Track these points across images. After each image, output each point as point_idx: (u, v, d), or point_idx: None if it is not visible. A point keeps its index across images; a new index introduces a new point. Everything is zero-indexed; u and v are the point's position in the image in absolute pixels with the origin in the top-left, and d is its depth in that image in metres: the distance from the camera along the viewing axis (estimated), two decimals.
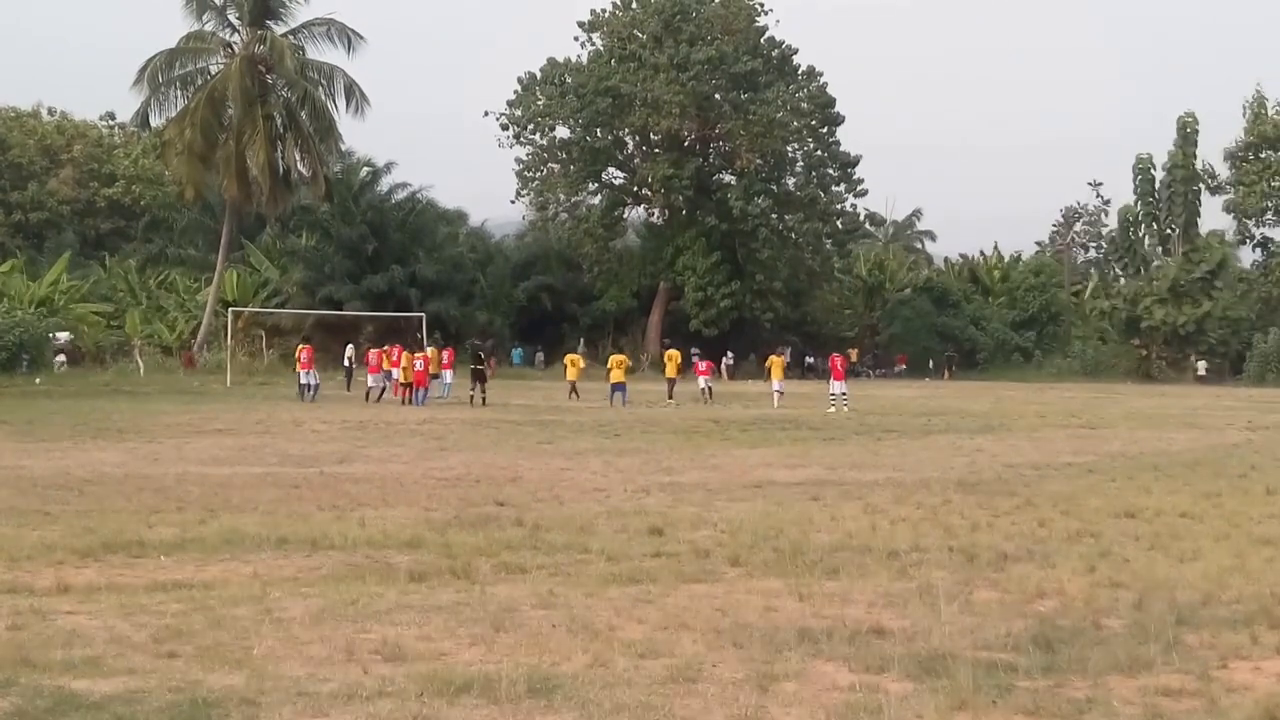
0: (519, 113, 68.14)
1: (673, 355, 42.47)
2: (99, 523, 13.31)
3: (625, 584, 10.26)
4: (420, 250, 63.04)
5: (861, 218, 75.57)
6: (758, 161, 66.17)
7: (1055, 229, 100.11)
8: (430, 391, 38.52)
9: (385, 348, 41.21)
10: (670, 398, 39.66)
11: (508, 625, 8.63)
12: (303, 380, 39.48)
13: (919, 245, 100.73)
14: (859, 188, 70.34)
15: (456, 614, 8.99)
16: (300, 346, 42.81)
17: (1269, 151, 71.86)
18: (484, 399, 36.77)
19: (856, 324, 76.82)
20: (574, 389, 40.16)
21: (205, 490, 16.51)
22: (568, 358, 43.38)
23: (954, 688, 6.96)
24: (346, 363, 45.80)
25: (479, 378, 37.23)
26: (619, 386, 38.35)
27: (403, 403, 37.26)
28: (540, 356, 62.43)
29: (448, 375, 40.52)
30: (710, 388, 40.77)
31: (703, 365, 42.46)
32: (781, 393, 39.42)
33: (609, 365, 40.72)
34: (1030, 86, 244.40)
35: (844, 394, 37.15)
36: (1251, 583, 10.31)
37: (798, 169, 69.72)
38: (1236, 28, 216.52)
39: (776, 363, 41.19)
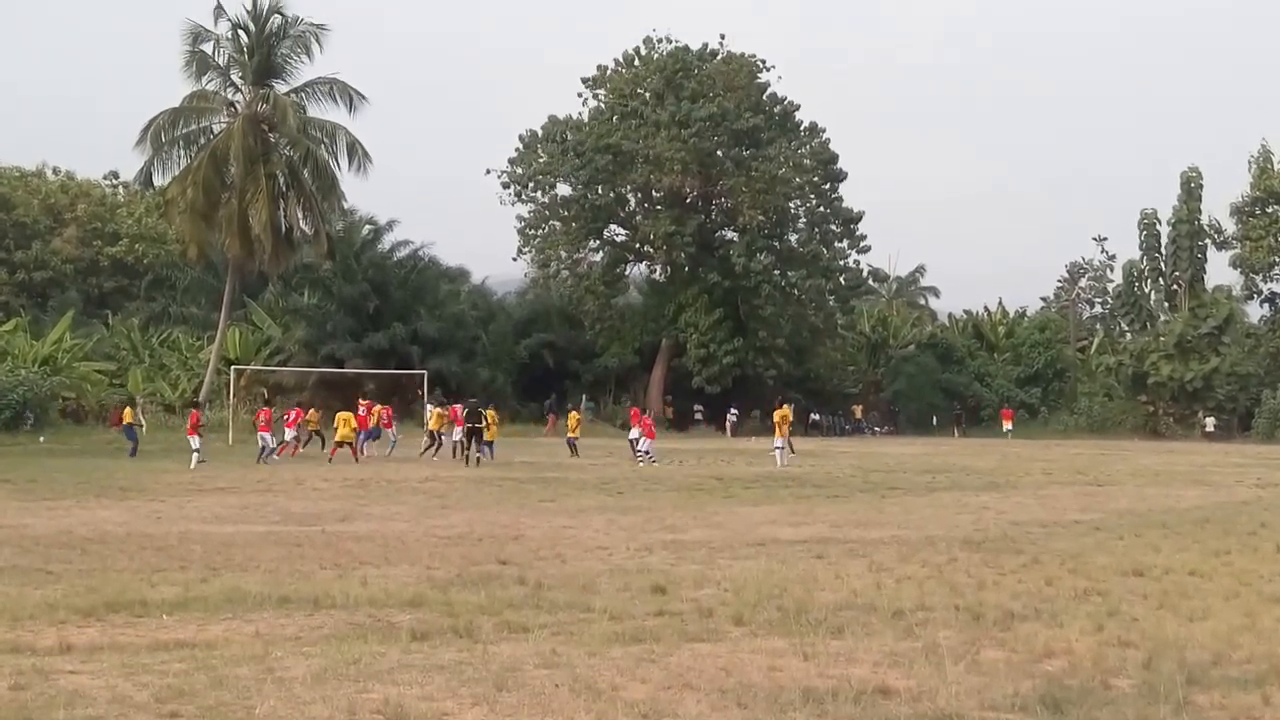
0: (520, 170, 68.34)
1: (785, 414, 39.24)
2: (101, 582, 13.29)
3: (628, 643, 10.21)
4: (422, 308, 63.15)
5: (864, 274, 75.60)
6: (760, 218, 66.15)
7: (1060, 284, 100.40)
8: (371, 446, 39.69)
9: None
10: (791, 452, 38.87)
11: (510, 685, 8.57)
12: (259, 443, 37.45)
13: (922, 301, 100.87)
14: (862, 244, 70.40)
15: (459, 673, 8.94)
16: (259, 409, 41.37)
17: (1276, 206, 71.84)
18: (479, 459, 36.10)
19: (860, 380, 76.64)
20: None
21: (208, 549, 16.47)
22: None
23: None
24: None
25: (474, 435, 36.82)
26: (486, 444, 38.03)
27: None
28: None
29: (391, 432, 41.19)
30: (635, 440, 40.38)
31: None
32: (781, 449, 37.60)
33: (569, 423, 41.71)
34: (1033, 142, 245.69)
35: (645, 452, 37.45)
36: (1262, 642, 10.24)
37: (800, 225, 69.77)
38: (1240, 82, 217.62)
39: (785, 415, 38.93)
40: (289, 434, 39.61)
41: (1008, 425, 68.51)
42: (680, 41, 68.39)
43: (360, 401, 42.40)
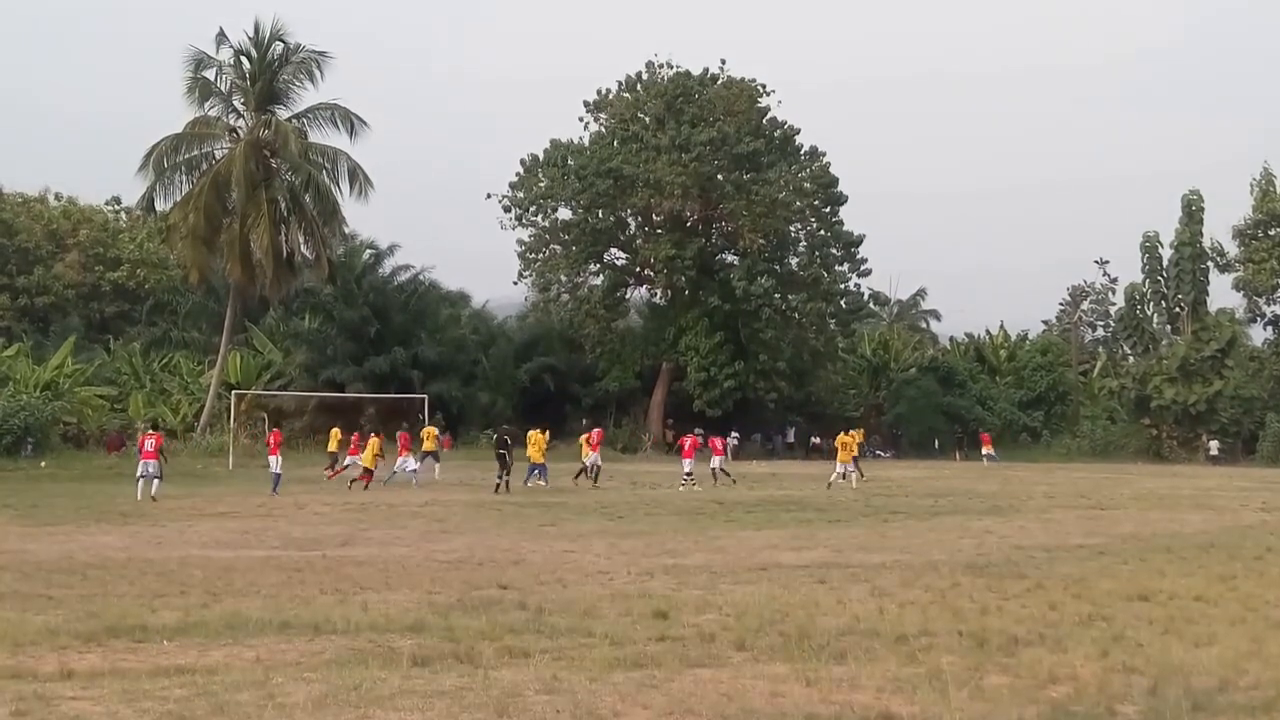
0: (521, 194, 68.46)
1: (848, 440, 39.69)
2: (102, 607, 13.25)
3: (629, 668, 10.16)
4: (423, 332, 63.29)
5: (865, 297, 75.66)
6: (760, 241, 66.17)
7: (1062, 307, 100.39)
8: (393, 475, 38.53)
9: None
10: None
11: (511, 711, 8.54)
12: (274, 469, 35.47)
13: (923, 324, 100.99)
14: (862, 267, 70.38)
15: (460, 699, 8.90)
16: (271, 430, 41.07)
17: (1278, 229, 71.87)
18: (508, 485, 34.95)
19: (861, 404, 76.59)
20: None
21: (208, 574, 16.43)
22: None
23: None
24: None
25: (502, 462, 35.77)
26: (536, 466, 37.72)
27: (352, 485, 36.30)
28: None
29: (410, 461, 39.24)
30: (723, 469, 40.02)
31: (697, 441, 39.61)
32: (846, 474, 38.06)
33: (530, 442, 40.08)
34: (1035, 165, 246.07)
35: (689, 474, 37.30)
36: (1269, 668, 10.19)
37: (800, 249, 69.84)
38: (1242, 103, 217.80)
39: (845, 442, 39.32)
40: (349, 460, 39.32)
41: (987, 450, 65.37)
42: (681, 67, 68.75)
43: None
